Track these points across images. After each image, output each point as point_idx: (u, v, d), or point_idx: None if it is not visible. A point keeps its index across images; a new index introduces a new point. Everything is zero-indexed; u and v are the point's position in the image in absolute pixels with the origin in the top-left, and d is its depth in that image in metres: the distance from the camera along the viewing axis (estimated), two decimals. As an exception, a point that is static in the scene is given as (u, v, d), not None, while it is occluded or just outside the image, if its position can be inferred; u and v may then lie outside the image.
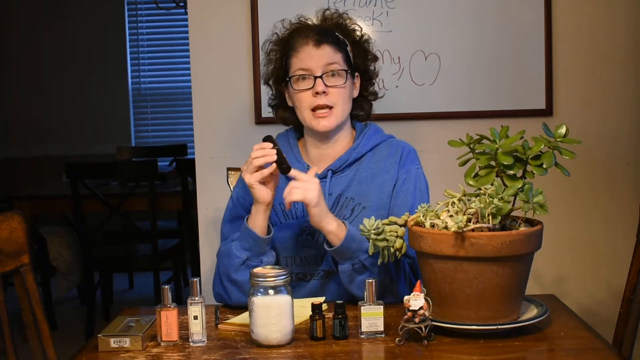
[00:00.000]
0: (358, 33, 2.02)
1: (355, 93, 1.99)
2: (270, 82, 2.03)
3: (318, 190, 1.77)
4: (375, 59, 2.04)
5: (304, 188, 1.75)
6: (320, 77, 1.89)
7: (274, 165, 1.77)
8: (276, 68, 1.99)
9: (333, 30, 1.96)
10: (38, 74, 6.05)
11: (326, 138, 1.95)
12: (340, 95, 1.90)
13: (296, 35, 1.94)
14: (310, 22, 2.02)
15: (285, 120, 2.05)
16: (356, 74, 1.98)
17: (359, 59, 1.99)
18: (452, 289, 1.52)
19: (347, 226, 1.79)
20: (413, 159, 1.97)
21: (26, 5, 5.99)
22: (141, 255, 4.30)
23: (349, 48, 1.96)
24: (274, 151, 1.77)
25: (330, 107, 1.89)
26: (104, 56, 6.01)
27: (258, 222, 1.82)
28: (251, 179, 1.79)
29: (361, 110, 2.03)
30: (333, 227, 1.79)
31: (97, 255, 4.18)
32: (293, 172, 1.78)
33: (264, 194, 1.80)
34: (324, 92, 1.88)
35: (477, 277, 1.50)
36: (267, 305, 1.53)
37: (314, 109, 1.89)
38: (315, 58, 1.89)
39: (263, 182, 1.80)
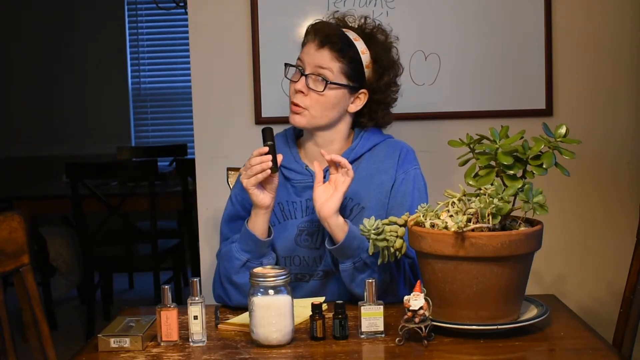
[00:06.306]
0: (392, 54, 1.99)
1: (354, 108, 1.94)
2: None
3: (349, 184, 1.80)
4: (391, 84, 2.00)
5: (348, 183, 1.78)
6: (306, 75, 1.88)
7: (269, 170, 1.77)
8: None
9: (348, 40, 1.91)
10: (38, 74, 6.05)
11: (311, 134, 1.95)
12: (316, 102, 1.88)
13: (313, 30, 1.92)
14: (350, 24, 1.98)
15: None
16: (363, 90, 1.93)
17: (374, 79, 1.94)
18: (452, 289, 1.52)
19: (349, 224, 1.79)
20: (411, 159, 1.96)
21: (26, 5, 5.99)
22: (141, 255, 4.30)
23: (365, 64, 1.92)
24: (269, 157, 1.77)
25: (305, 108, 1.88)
26: (104, 56, 6.01)
27: (258, 224, 1.82)
28: (247, 183, 1.79)
29: (370, 120, 1.97)
30: (341, 221, 1.79)
31: (97, 255, 4.18)
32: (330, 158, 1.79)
33: (261, 198, 1.80)
34: (302, 92, 1.88)
35: (477, 277, 1.50)
36: (267, 305, 1.53)
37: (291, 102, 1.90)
38: (310, 56, 1.89)
39: (261, 185, 1.80)
